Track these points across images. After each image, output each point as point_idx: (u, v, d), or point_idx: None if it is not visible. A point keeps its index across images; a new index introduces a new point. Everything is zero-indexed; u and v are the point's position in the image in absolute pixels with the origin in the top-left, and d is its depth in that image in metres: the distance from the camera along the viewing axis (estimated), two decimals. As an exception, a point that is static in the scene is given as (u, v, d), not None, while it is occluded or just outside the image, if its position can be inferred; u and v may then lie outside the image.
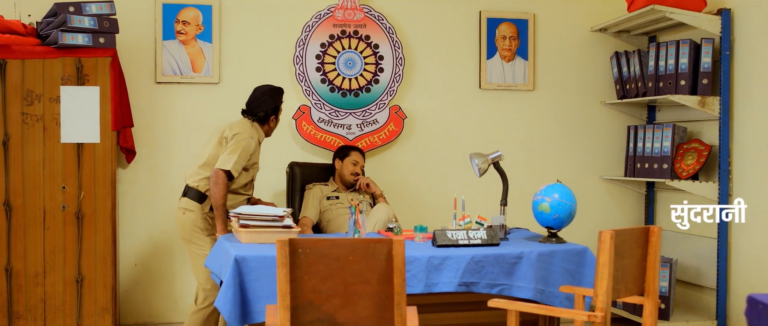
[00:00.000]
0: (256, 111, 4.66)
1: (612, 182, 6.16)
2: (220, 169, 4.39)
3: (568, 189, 4.07)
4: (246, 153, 4.47)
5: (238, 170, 4.42)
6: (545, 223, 4.07)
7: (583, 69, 6.11)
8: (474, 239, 3.92)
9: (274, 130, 4.80)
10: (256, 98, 4.68)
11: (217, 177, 4.39)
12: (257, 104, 4.66)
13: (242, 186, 4.61)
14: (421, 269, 3.65)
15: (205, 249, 4.48)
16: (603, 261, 3.16)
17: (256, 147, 4.60)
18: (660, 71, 5.52)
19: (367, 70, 5.70)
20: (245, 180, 4.61)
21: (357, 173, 5.25)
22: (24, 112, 4.78)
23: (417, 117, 5.84)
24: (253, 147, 4.52)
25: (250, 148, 4.50)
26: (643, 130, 5.76)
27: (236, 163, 4.41)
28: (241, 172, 4.51)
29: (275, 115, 4.72)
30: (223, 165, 4.40)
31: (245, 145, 4.47)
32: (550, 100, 6.08)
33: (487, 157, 4.49)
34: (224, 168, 4.39)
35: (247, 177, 4.63)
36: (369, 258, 2.84)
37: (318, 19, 5.62)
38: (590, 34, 6.09)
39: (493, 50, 5.94)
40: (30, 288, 4.83)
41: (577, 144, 6.13)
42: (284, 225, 3.93)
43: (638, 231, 3.39)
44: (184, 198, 4.57)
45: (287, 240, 2.80)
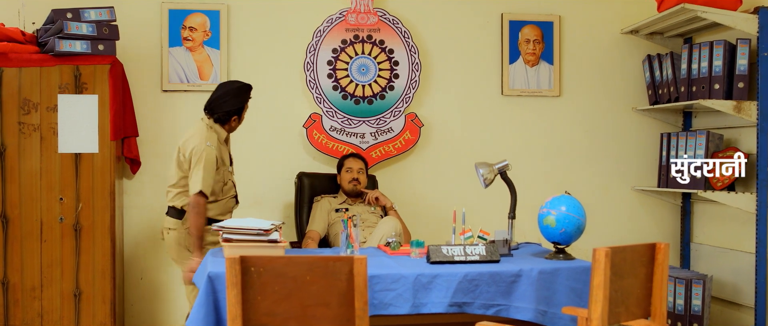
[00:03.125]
0: (216, 111, 4.34)
1: (645, 193, 5.79)
2: (195, 195, 4.16)
3: (576, 201, 3.75)
4: (210, 164, 4.20)
5: (209, 185, 4.19)
6: (551, 238, 3.76)
7: (613, 73, 5.78)
8: (472, 255, 3.63)
9: (236, 128, 4.48)
10: (218, 97, 4.35)
11: (195, 204, 4.16)
12: (218, 104, 4.33)
13: (220, 189, 4.38)
14: (408, 288, 3.38)
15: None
16: (597, 282, 2.87)
17: (219, 150, 4.30)
18: (693, 74, 5.16)
19: (382, 76, 5.45)
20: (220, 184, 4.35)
21: (355, 178, 5.01)
22: (21, 122, 4.66)
23: (434, 125, 5.57)
24: (213, 154, 4.22)
25: (210, 157, 4.21)
26: (677, 138, 5.39)
27: (204, 179, 4.16)
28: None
29: (238, 115, 4.41)
30: (195, 188, 4.16)
31: (205, 156, 4.19)
32: (578, 106, 5.75)
33: (493, 166, 4.20)
34: (196, 190, 4.16)
35: (220, 179, 4.35)
36: (329, 277, 2.61)
37: (330, 23, 5.40)
38: (620, 36, 5.75)
39: (516, 54, 5.65)
40: (27, 303, 4.70)
41: (606, 152, 5.78)
42: (269, 239, 3.70)
43: (642, 248, 3.08)
44: (166, 217, 4.38)
45: (238, 257, 2.57)
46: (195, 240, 4.19)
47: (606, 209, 5.77)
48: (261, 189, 5.37)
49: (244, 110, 4.46)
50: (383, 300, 3.36)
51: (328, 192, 5.17)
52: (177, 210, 4.34)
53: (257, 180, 5.28)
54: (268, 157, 5.36)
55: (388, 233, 4.44)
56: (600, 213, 5.73)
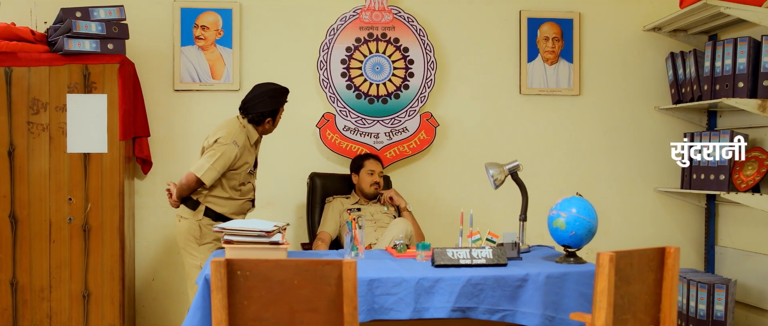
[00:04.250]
0: (250, 111, 4.30)
1: (668, 194, 5.63)
2: (192, 174, 4.14)
3: (587, 203, 3.61)
4: (224, 160, 4.15)
5: (211, 178, 4.13)
6: (561, 241, 3.63)
7: (635, 71, 5.62)
8: (478, 258, 3.52)
9: (271, 131, 4.43)
10: (254, 97, 4.31)
11: (187, 180, 4.16)
12: (253, 104, 4.29)
13: (236, 189, 4.31)
14: (410, 292, 3.27)
15: (198, 260, 4.24)
16: (601, 288, 2.75)
17: (242, 151, 4.24)
18: (716, 72, 4.99)
19: (396, 75, 5.35)
20: (235, 181, 4.29)
21: (377, 182, 4.92)
22: (30, 121, 4.64)
23: (450, 125, 5.46)
24: (233, 154, 4.17)
25: (229, 155, 4.16)
26: (700, 138, 5.23)
27: (210, 170, 4.12)
28: (229, 174, 4.22)
29: (272, 117, 4.35)
30: (197, 172, 4.13)
31: (224, 151, 4.15)
32: (598, 105, 5.60)
33: (504, 166, 4.08)
34: (197, 174, 4.13)
35: (238, 179, 4.30)
36: (317, 282, 2.51)
37: (343, 21, 5.32)
38: (642, 33, 5.60)
39: (534, 52, 5.51)
40: (35, 303, 4.67)
41: (628, 153, 5.63)
42: (271, 241, 3.61)
43: (650, 253, 2.95)
44: (182, 205, 4.32)
45: (223, 260, 2.49)
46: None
47: (628, 211, 5.61)
48: (274, 190, 5.30)
49: (279, 113, 4.38)
50: (384, 304, 3.26)
51: (340, 192, 5.08)
52: (192, 201, 4.28)
53: (269, 181, 5.20)
54: (280, 157, 5.28)
55: (397, 235, 4.35)
56: (621, 216, 5.58)
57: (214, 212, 4.25)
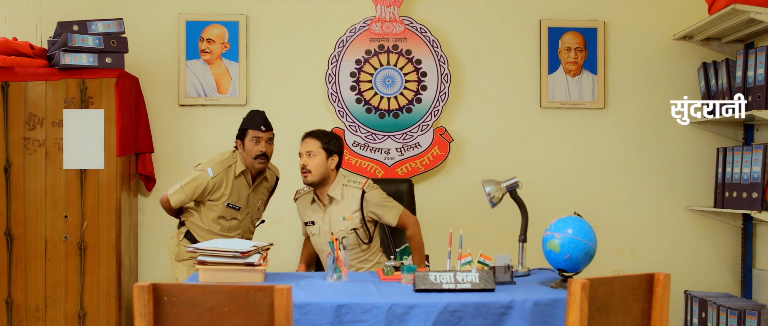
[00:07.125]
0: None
1: (700, 213, 5.26)
2: (165, 193, 4.13)
3: (586, 223, 3.32)
4: (194, 185, 4.05)
5: (178, 200, 4.04)
6: (556, 265, 3.33)
7: (664, 83, 5.28)
8: (463, 282, 3.26)
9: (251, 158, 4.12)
10: None
11: (162, 198, 4.15)
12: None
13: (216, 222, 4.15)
14: (380, 320, 3.02)
15: (180, 278, 4.15)
16: (572, 320, 2.46)
17: (219, 181, 4.08)
18: (749, 83, 4.64)
19: (408, 88, 5.13)
20: (213, 213, 4.13)
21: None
22: (26, 137, 4.56)
23: (466, 140, 5.21)
24: (204, 181, 4.04)
25: (200, 181, 4.04)
26: (733, 153, 4.87)
27: (178, 192, 4.05)
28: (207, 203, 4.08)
29: (241, 139, 4.14)
30: (169, 191, 4.11)
31: (196, 176, 4.06)
32: (624, 118, 5.28)
33: (501, 184, 3.82)
34: (167, 194, 4.11)
35: (216, 211, 4.13)
36: (249, 310, 2.30)
37: (353, 33, 5.13)
38: (672, 42, 5.26)
39: (555, 64, 5.23)
40: (31, 323, 4.57)
41: (657, 169, 5.28)
42: (247, 262, 3.41)
43: (636, 280, 2.65)
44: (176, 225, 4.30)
45: (148, 285, 2.30)
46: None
47: (657, 231, 5.27)
48: (281, 208, 5.12)
49: (247, 135, 4.13)
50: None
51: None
52: (180, 221, 4.26)
53: (276, 199, 5.01)
54: (287, 174, 5.09)
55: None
56: (651, 237, 5.24)
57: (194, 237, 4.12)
